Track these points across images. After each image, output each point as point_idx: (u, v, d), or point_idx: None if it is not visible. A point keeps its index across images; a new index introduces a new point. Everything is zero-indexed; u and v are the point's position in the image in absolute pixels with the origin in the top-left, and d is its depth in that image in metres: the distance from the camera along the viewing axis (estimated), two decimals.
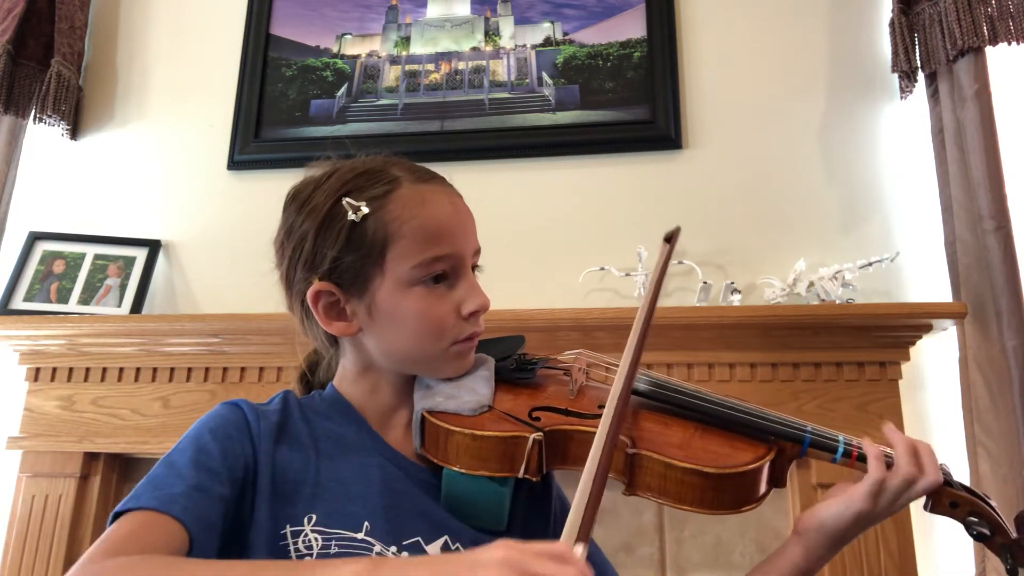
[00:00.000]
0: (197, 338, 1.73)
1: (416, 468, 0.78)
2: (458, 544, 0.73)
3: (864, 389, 1.58)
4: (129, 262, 1.90)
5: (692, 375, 1.62)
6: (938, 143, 1.71)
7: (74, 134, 2.09)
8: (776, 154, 1.83)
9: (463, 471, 0.74)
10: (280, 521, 0.69)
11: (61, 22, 2.04)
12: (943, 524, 1.57)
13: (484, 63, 1.99)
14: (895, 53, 1.74)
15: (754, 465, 0.73)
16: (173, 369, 1.77)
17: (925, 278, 1.71)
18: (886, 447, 0.79)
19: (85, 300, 1.85)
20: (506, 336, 0.88)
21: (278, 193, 0.85)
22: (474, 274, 0.81)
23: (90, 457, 1.75)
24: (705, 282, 1.66)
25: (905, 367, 1.60)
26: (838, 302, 1.60)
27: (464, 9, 2.05)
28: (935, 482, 0.76)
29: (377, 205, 0.75)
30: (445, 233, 0.76)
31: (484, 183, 1.89)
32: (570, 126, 1.90)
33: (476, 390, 0.78)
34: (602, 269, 1.75)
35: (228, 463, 0.69)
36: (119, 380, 1.78)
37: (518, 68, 1.97)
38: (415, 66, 2.02)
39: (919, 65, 1.73)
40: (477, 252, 0.81)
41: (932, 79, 1.75)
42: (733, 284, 1.66)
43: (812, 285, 1.64)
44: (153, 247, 1.92)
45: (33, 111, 2.02)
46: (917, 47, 1.73)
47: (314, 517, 0.69)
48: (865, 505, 0.76)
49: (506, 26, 2.01)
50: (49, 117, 2.00)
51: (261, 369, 1.74)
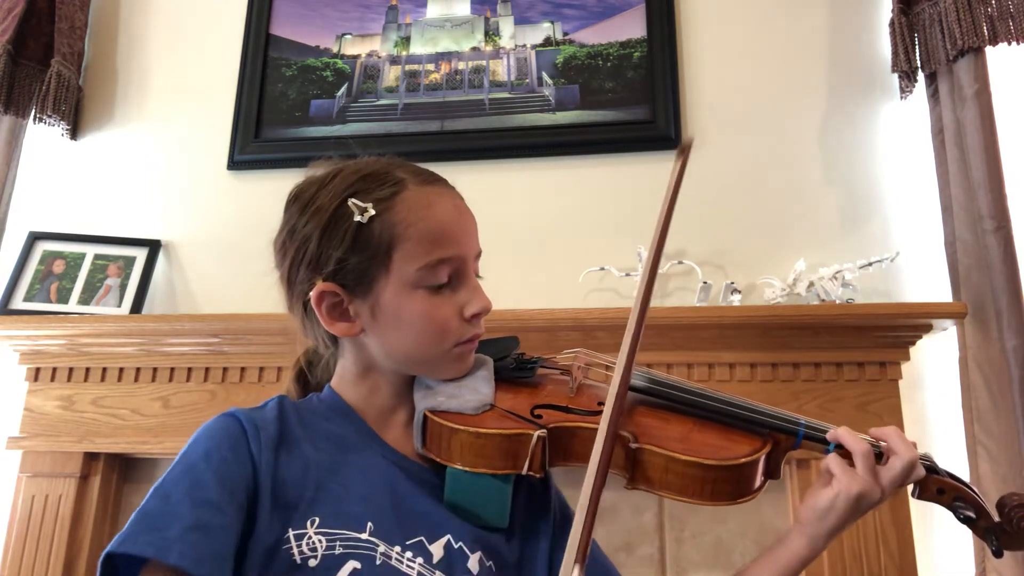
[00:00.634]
0: (197, 338, 1.73)
1: (417, 468, 0.78)
2: (460, 543, 0.74)
3: (864, 389, 1.59)
4: (129, 262, 1.90)
5: (692, 375, 1.62)
6: (938, 143, 1.71)
7: (74, 134, 2.09)
8: (776, 154, 1.83)
9: (467, 469, 0.74)
10: (282, 526, 0.69)
11: (61, 22, 2.04)
12: (943, 524, 1.57)
13: (484, 63, 1.99)
14: (895, 53, 1.74)
15: (752, 457, 0.75)
16: (173, 369, 1.77)
17: (925, 278, 1.71)
18: (872, 439, 0.79)
19: (85, 300, 1.85)
20: (500, 337, 0.88)
21: (278, 193, 0.85)
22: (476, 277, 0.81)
23: (90, 457, 1.75)
24: (705, 282, 1.66)
25: (905, 367, 1.60)
26: (838, 302, 1.60)
27: (464, 9, 2.05)
28: (912, 457, 0.77)
29: (384, 207, 0.75)
30: (450, 235, 0.77)
31: (484, 183, 1.89)
32: (570, 126, 1.90)
33: (477, 389, 0.79)
34: (602, 269, 1.75)
35: (227, 488, 0.67)
36: (119, 380, 1.78)
37: (518, 68, 1.97)
38: (415, 66, 2.02)
39: (919, 65, 1.73)
40: (479, 255, 0.82)
41: (932, 79, 1.75)
42: (733, 284, 1.66)
43: (812, 285, 1.64)
44: (153, 247, 1.92)
45: (33, 111, 2.02)
46: (917, 47, 1.73)
47: (317, 520, 0.69)
48: (851, 488, 0.75)
49: (506, 26, 2.01)
50: (49, 117, 2.00)
51: (261, 369, 1.74)
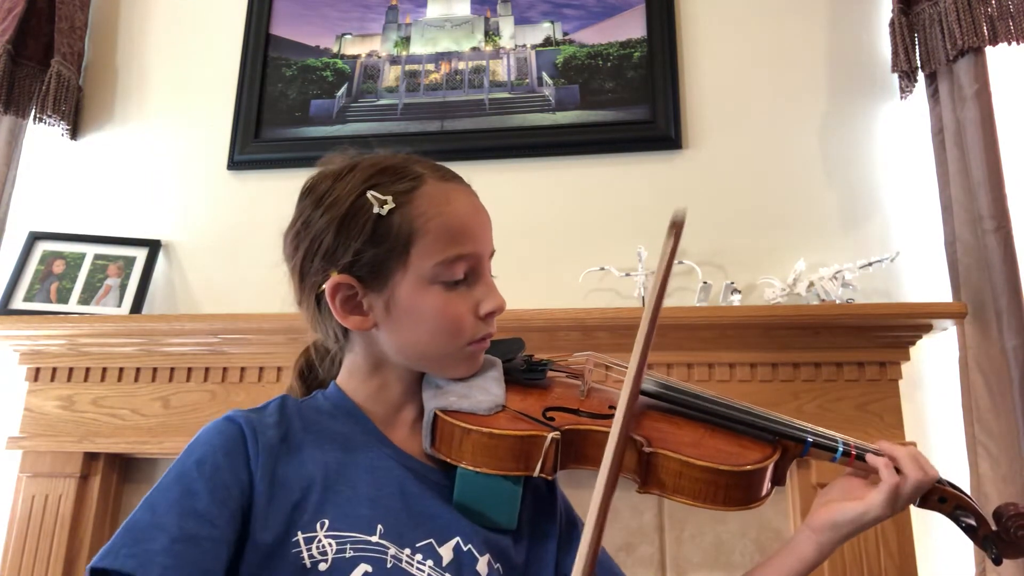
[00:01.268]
0: (197, 338, 1.73)
1: (425, 468, 0.77)
2: (470, 545, 0.73)
3: (864, 389, 1.58)
4: (129, 262, 1.90)
5: (692, 375, 1.62)
6: (938, 143, 1.71)
7: (74, 134, 2.09)
8: (776, 154, 1.83)
9: (478, 470, 0.74)
10: (290, 529, 0.68)
11: (61, 22, 2.04)
12: (943, 524, 1.57)
13: (484, 63, 1.99)
14: (895, 53, 1.74)
15: (764, 464, 0.76)
16: (173, 369, 1.77)
17: (925, 278, 1.70)
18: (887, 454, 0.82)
19: (85, 300, 1.85)
20: (505, 338, 0.88)
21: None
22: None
23: (90, 457, 1.75)
24: (705, 282, 1.66)
25: (905, 367, 1.60)
26: (838, 302, 1.60)
27: (464, 9, 2.05)
28: (935, 477, 0.81)
29: (403, 200, 0.75)
30: (468, 232, 0.77)
31: (484, 183, 1.85)
32: (570, 126, 1.90)
33: (489, 390, 0.78)
34: (602, 269, 1.75)
35: (218, 498, 0.66)
36: (119, 380, 1.78)
37: (518, 68, 1.97)
38: (415, 66, 2.02)
39: (919, 65, 1.73)
40: (493, 253, 0.82)
41: (932, 79, 1.74)
42: (733, 284, 1.66)
43: (812, 285, 1.64)
44: (153, 247, 1.92)
45: (33, 111, 2.02)
46: (917, 47, 1.73)
47: (327, 522, 0.68)
48: (884, 511, 0.79)
49: (506, 26, 2.01)
50: (49, 117, 2.00)
51: (261, 369, 1.74)
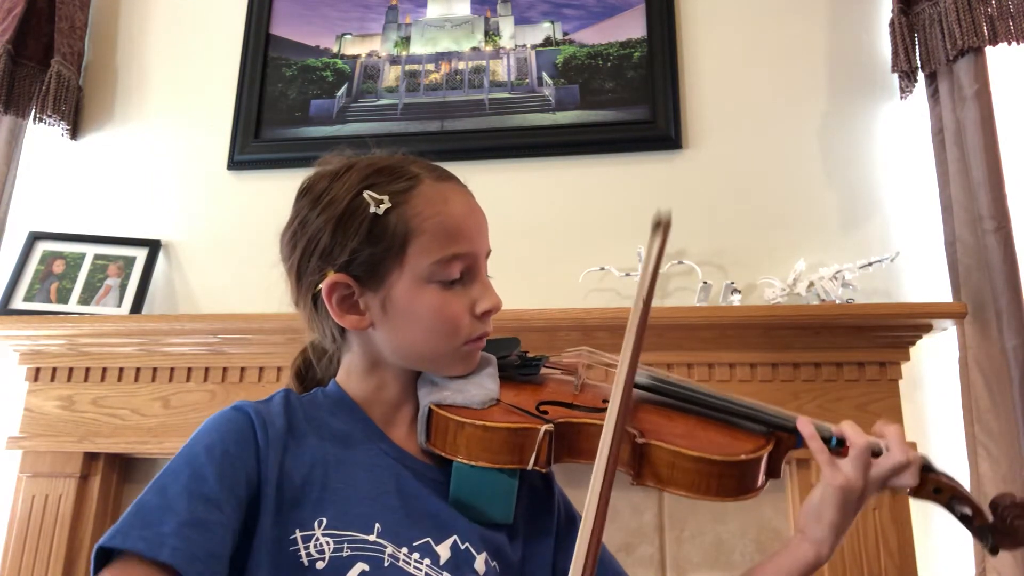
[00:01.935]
0: (197, 338, 1.73)
1: (423, 466, 0.78)
2: (467, 543, 0.73)
3: (864, 389, 1.58)
4: (129, 262, 1.90)
5: (692, 375, 1.62)
6: (938, 143, 1.71)
7: (74, 134, 2.09)
8: (776, 154, 1.83)
9: (473, 463, 0.75)
10: (288, 526, 0.68)
11: (61, 22, 2.04)
12: (943, 524, 1.57)
13: (484, 63, 1.99)
14: (895, 53, 1.74)
15: (757, 454, 0.76)
16: (173, 369, 1.77)
17: (925, 278, 1.70)
18: (872, 436, 0.80)
19: (85, 300, 1.85)
20: (502, 337, 0.88)
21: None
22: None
23: (90, 457, 1.75)
24: (705, 282, 1.66)
25: (905, 367, 1.60)
26: (838, 302, 1.60)
27: (464, 9, 2.05)
28: (916, 459, 0.78)
29: (400, 199, 0.76)
30: (464, 232, 0.77)
31: (484, 183, 1.85)
32: (570, 126, 1.90)
33: (483, 385, 0.79)
34: (602, 269, 1.75)
35: (227, 484, 0.66)
36: (119, 380, 1.78)
37: (518, 68, 1.97)
38: (415, 66, 2.02)
39: (919, 65, 1.73)
40: (489, 253, 0.82)
41: (932, 79, 1.74)
42: (733, 284, 1.66)
43: (812, 285, 1.64)
44: (153, 247, 1.92)
45: (33, 111, 2.02)
46: (917, 47, 1.73)
47: (324, 520, 0.69)
48: (854, 480, 0.76)
49: (506, 26, 2.01)
50: (49, 117, 2.00)
51: (261, 369, 1.74)
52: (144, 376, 1.77)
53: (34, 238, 1.92)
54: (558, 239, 1.84)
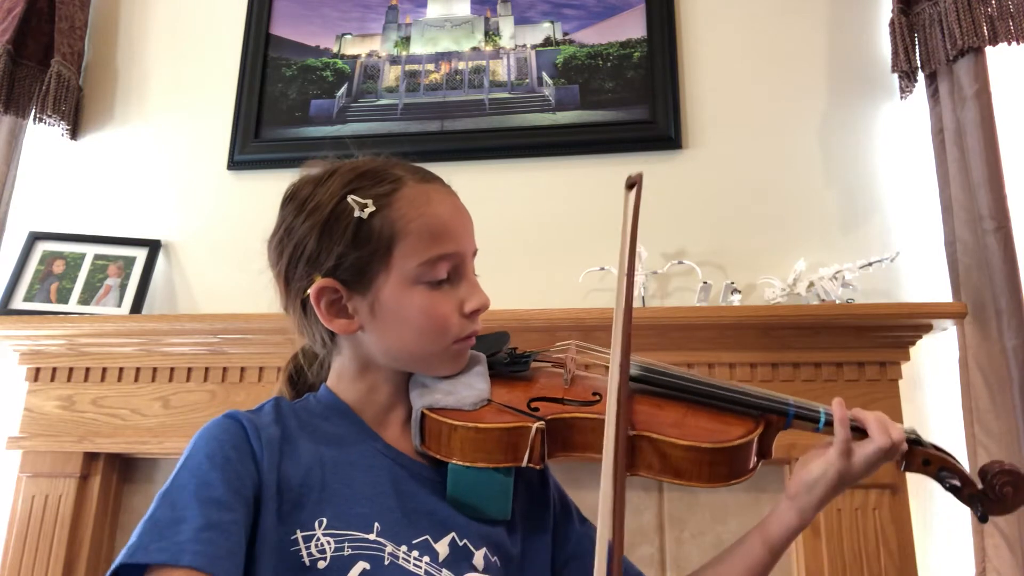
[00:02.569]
0: (197, 338, 1.73)
1: (418, 466, 0.78)
2: (465, 540, 0.74)
3: (864, 389, 1.58)
4: (129, 262, 1.90)
5: None
6: (938, 143, 1.71)
7: (74, 134, 2.09)
8: (776, 154, 1.83)
9: (468, 464, 0.75)
10: (290, 527, 0.69)
11: (61, 22, 2.04)
12: (943, 524, 1.57)
13: (484, 63, 1.99)
14: (895, 53, 1.74)
15: (747, 438, 0.77)
16: (173, 369, 1.77)
17: (925, 278, 1.71)
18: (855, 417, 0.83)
19: (85, 300, 1.85)
20: (490, 333, 0.89)
21: (278, 193, 0.85)
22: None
23: (90, 457, 1.75)
24: (705, 282, 1.66)
25: (905, 367, 1.60)
26: (838, 302, 1.60)
27: (464, 9, 2.05)
28: (900, 441, 0.82)
29: (384, 203, 0.76)
30: (450, 232, 0.78)
31: (484, 183, 1.89)
32: (570, 126, 1.90)
33: (473, 385, 0.80)
34: (602, 269, 1.75)
35: (233, 487, 0.67)
36: (119, 380, 1.78)
37: (518, 68, 1.97)
38: (415, 66, 2.02)
39: (919, 65, 1.73)
40: (475, 252, 0.82)
41: (932, 79, 1.75)
42: (733, 284, 1.66)
43: (812, 285, 1.64)
44: (153, 247, 1.92)
45: (33, 111, 2.02)
46: (917, 47, 1.73)
47: (324, 521, 0.69)
48: (842, 463, 0.81)
49: (506, 26, 2.01)
50: (49, 117, 2.00)
51: (261, 369, 1.74)
52: (144, 376, 1.77)
53: (34, 238, 1.92)
54: (558, 239, 1.84)
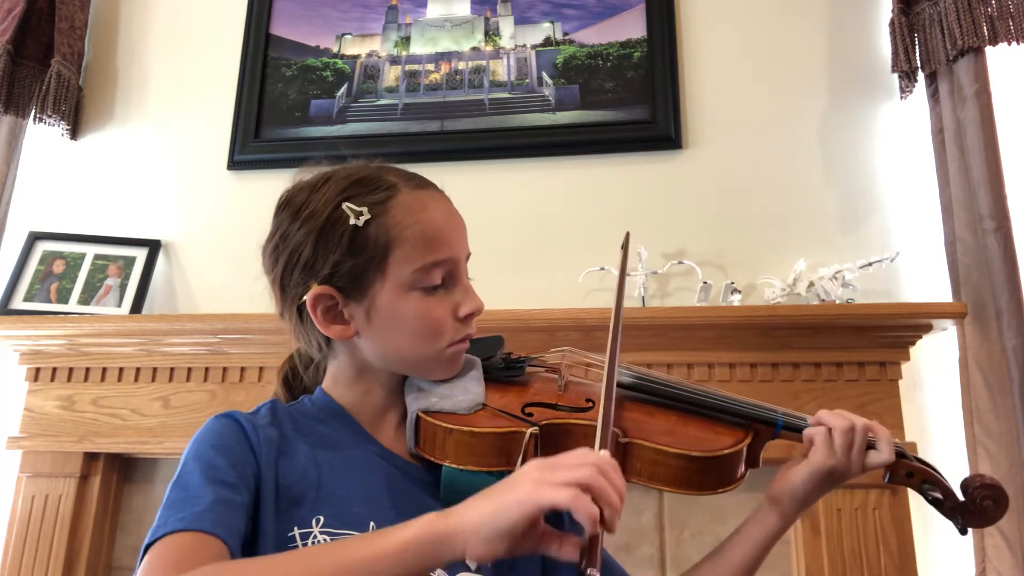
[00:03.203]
0: (197, 338, 1.73)
1: (412, 467, 0.79)
2: None
3: (864, 389, 1.58)
4: (129, 262, 1.90)
5: (692, 375, 1.62)
6: (938, 143, 1.71)
7: (74, 134, 2.09)
8: (776, 154, 1.83)
9: (462, 467, 0.76)
10: (287, 524, 0.70)
11: (61, 22, 2.04)
12: (943, 524, 1.57)
13: (484, 63, 1.99)
14: (895, 53, 1.74)
15: (736, 448, 0.78)
16: (173, 369, 1.77)
17: (925, 278, 1.70)
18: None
19: (85, 300, 1.85)
20: (485, 336, 0.89)
21: (278, 193, 0.85)
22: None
23: (90, 457, 1.75)
24: (705, 282, 1.66)
25: (905, 367, 1.60)
26: (838, 302, 1.60)
27: (464, 9, 2.05)
28: (867, 423, 0.81)
29: (379, 210, 0.77)
30: (444, 238, 0.79)
31: (484, 183, 1.89)
32: (570, 126, 1.90)
33: (468, 389, 0.81)
34: (602, 269, 1.75)
35: (238, 471, 0.70)
36: (119, 380, 1.78)
37: (518, 68, 1.97)
38: (415, 66, 2.02)
39: (919, 65, 1.73)
40: (468, 257, 0.83)
41: (932, 79, 1.74)
42: (733, 284, 1.66)
43: (812, 285, 1.64)
44: (153, 247, 1.92)
45: (33, 111, 2.02)
46: (917, 47, 1.73)
47: (322, 519, 0.71)
48: (826, 459, 0.80)
49: (506, 26, 2.01)
50: (49, 117, 2.00)
51: (261, 369, 1.74)
52: (144, 376, 1.77)
53: (34, 238, 1.92)
54: (558, 239, 1.84)
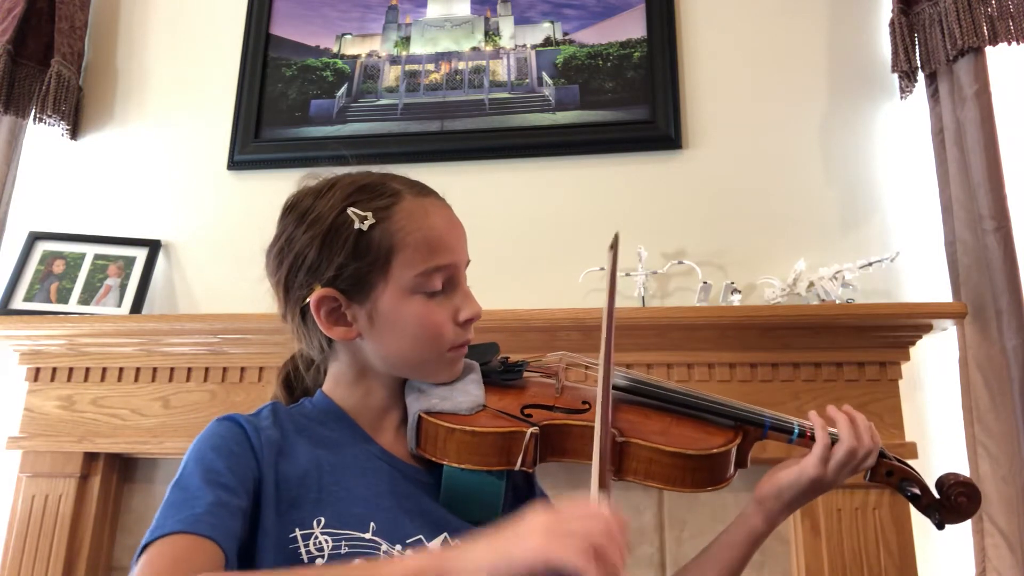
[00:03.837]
0: (197, 338, 1.73)
1: (412, 469, 0.81)
2: (457, 540, 0.76)
3: (864, 389, 1.58)
4: (129, 262, 1.90)
5: (692, 375, 1.62)
6: (938, 143, 1.71)
7: (74, 134, 2.09)
8: (776, 154, 1.83)
9: (463, 466, 0.78)
10: (288, 525, 0.71)
11: (61, 22, 2.04)
12: None
13: (484, 63, 1.99)
14: (895, 53, 1.74)
15: (728, 447, 0.82)
16: (173, 369, 1.77)
17: (925, 278, 1.70)
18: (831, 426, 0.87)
19: (85, 300, 1.85)
20: (481, 343, 0.92)
21: (278, 193, 0.86)
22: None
23: (90, 457, 1.75)
24: (705, 282, 1.66)
25: (905, 367, 1.60)
26: (838, 302, 1.60)
27: (464, 9, 2.05)
28: (872, 448, 0.85)
29: (383, 216, 0.79)
30: (445, 244, 0.81)
31: (484, 183, 1.89)
32: (570, 126, 1.90)
33: (469, 391, 0.83)
34: (602, 269, 1.75)
35: (238, 476, 0.71)
36: (119, 380, 1.78)
37: (518, 68, 1.97)
38: (415, 66, 2.02)
39: (919, 65, 1.73)
40: (468, 263, 0.85)
41: (932, 79, 1.75)
42: (733, 284, 1.66)
43: (812, 285, 1.64)
44: (153, 247, 1.92)
45: (33, 111, 2.02)
46: (917, 47, 1.73)
47: (323, 520, 0.71)
48: (816, 471, 0.84)
49: (506, 26, 2.01)
50: (49, 117, 2.00)
51: (261, 369, 1.74)
52: (144, 376, 1.78)
53: (34, 238, 1.92)
54: (558, 239, 1.84)
